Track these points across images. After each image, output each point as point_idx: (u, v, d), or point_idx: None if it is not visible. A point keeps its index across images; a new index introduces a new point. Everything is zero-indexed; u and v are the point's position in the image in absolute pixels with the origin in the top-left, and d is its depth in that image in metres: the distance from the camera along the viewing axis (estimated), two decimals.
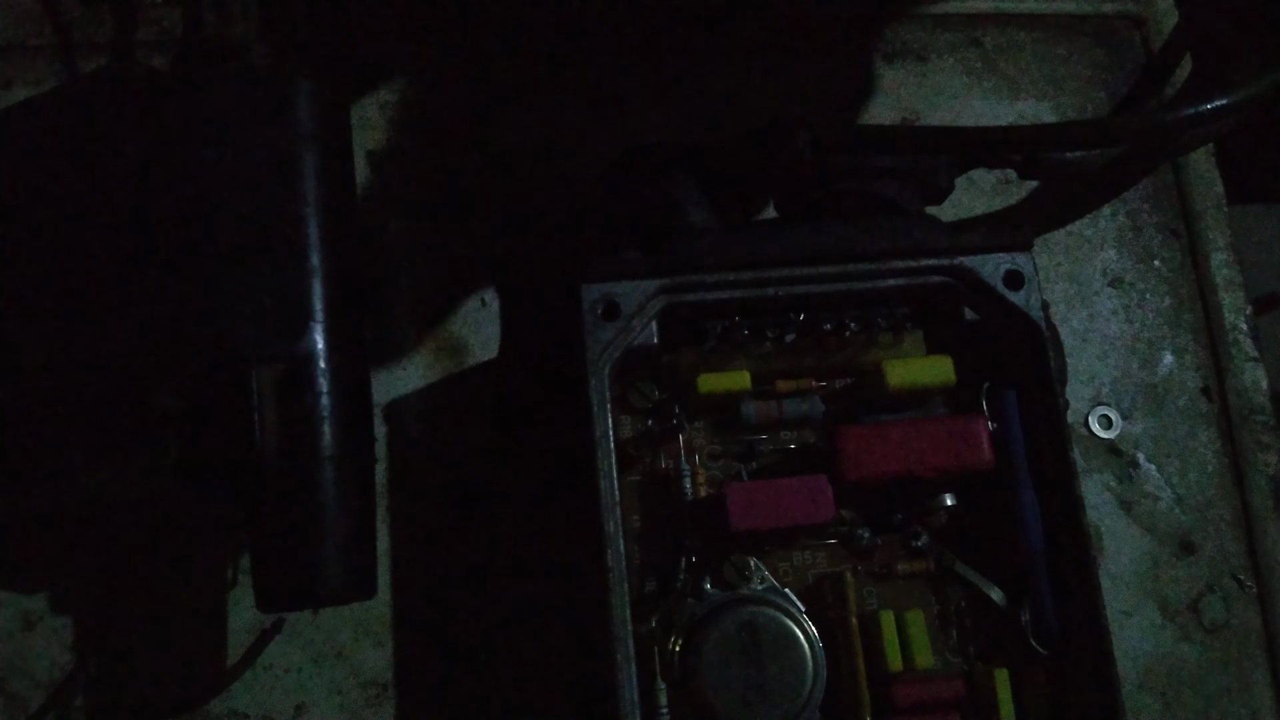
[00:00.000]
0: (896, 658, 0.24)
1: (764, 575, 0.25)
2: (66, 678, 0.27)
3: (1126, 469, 0.32)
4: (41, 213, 0.31)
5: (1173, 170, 0.35)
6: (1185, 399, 0.33)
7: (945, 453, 0.25)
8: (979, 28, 0.36)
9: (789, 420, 0.26)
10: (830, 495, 0.25)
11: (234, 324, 0.24)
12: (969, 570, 0.25)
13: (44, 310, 0.30)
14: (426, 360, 0.31)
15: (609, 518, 0.24)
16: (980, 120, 0.35)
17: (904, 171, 0.28)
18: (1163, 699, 0.30)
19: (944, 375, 0.26)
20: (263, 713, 0.28)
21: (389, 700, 0.29)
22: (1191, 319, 0.34)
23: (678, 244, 0.26)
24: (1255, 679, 0.31)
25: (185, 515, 0.29)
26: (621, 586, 0.24)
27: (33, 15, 0.33)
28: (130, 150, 0.31)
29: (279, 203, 0.25)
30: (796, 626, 0.24)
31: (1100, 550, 0.31)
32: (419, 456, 0.30)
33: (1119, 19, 0.37)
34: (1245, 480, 0.32)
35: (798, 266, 0.26)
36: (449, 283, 0.32)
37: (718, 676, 0.24)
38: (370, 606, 0.29)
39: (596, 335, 0.25)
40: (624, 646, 0.23)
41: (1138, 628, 0.31)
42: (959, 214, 0.34)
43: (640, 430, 0.26)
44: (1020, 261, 0.26)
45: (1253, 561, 0.32)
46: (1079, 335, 0.33)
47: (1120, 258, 0.34)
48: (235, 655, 0.28)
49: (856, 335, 0.26)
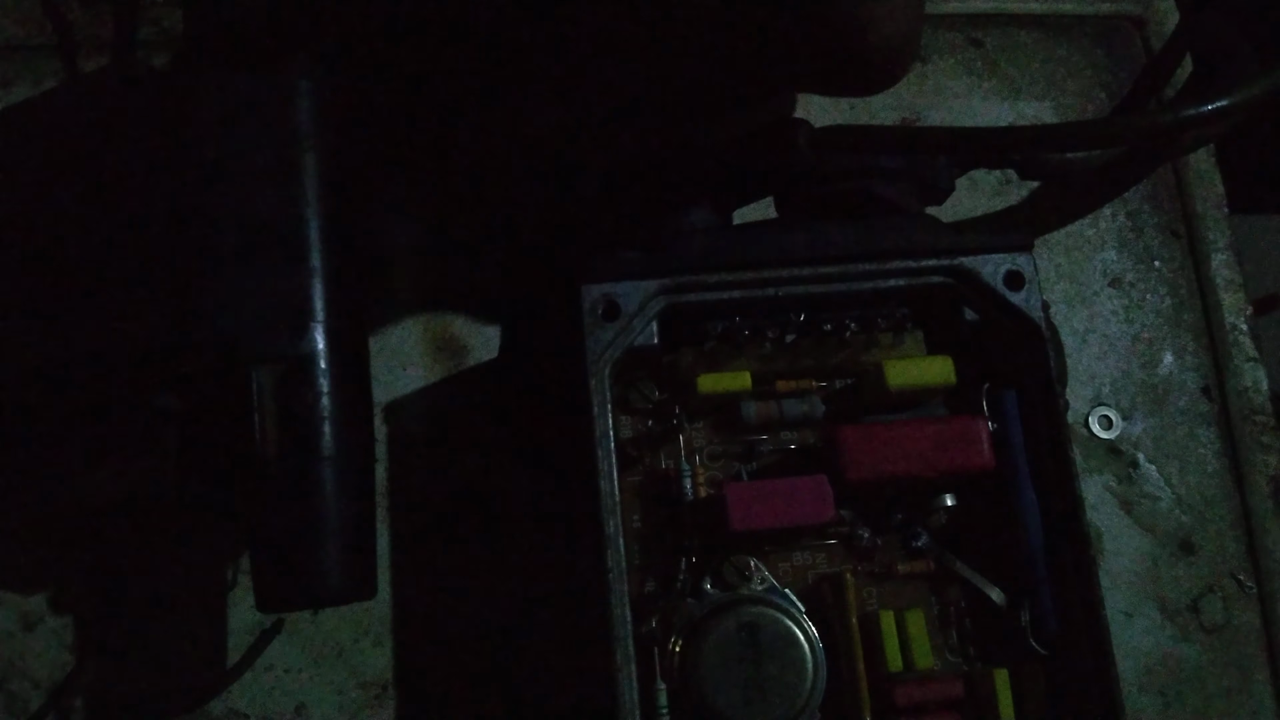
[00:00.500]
0: (896, 658, 0.24)
1: (764, 575, 0.25)
2: (66, 678, 0.27)
3: (1126, 469, 0.32)
4: (41, 212, 0.31)
5: (1173, 171, 0.35)
6: (1185, 399, 0.33)
7: (945, 453, 0.25)
8: (979, 28, 0.36)
9: (789, 420, 0.26)
10: (830, 495, 0.25)
11: (234, 324, 0.24)
12: (969, 571, 0.25)
13: (44, 310, 0.30)
14: (426, 360, 0.31)
15: (609, 518, 0.24)
16: (980, 120, 0.35)
17: (904, 171, 0.28)
18: (1162, 699, 0.30)
19: (944, 375, 0.26)
20: (263, 713, 0.28)
21: (389, 700, 0.29)
22: (1192, 319, 0.34)
23: (678, 244, 0.26)
24: (1255, 679, 0.31)
25: (185, 516, 0.29)
26: (621, 586, 0.24)
27: (33, 15, 0.33)
28: (131, 150, 0.31)
29: (279, 203, 0.25)
30: (796, 627, 0.24)
31: (1100, 550, 0.31)
32: (419, 456, 0.30)
33: (1119, 19, 0.37)
34: (1245, 481, 0.32)
35: (798, 266, 0.26)
36: (449, 283, 0.32)
37: (718, 677, 0.24)
38: (370, 607, 0.29)
39: (596, 335, 0.25)
40: (624, 646, 0.23)
41: (1138, 628, 0.31)
42: (959, 214, 0.34)
43: (640, 430, 0.26)
44: (1020, 262, 0.26)
45: (1252, 562, 0.32)
46: (1079, 336, 0.33)
47: (1120, 258, 0.34)
48: (235, 656, 0.28)
49: (856, 335, 0.26)
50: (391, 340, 0.31)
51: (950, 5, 0.36)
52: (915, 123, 0.35)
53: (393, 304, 0.32)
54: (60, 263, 0.30)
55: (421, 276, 0.32)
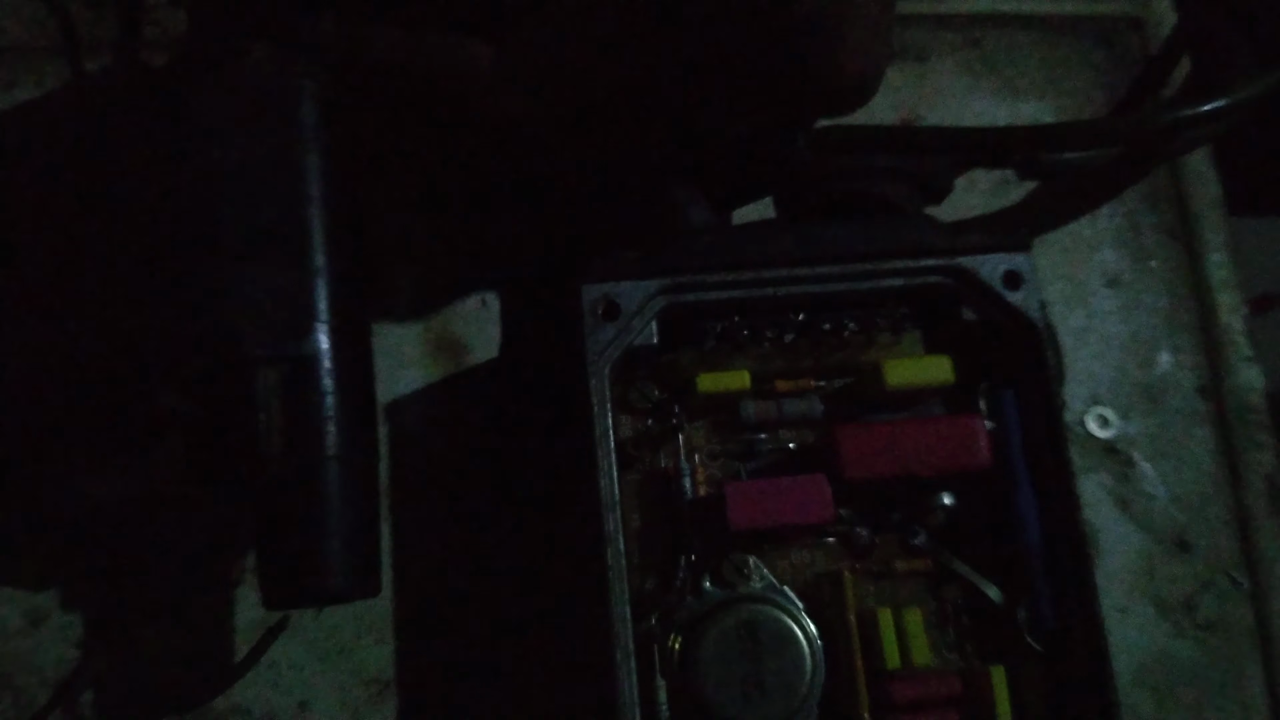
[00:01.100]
0: (894, 655, 0.24)
1: (763, 574, 0.25)
2: (71, 673, 0.28)
3: (1123, 468, 0.32)
4: (45, 213, 0.31)
5: (1171, 171, 0.35)
6: (1181, 399, 0.33)
7: (943, 452, 0.25)
8: (979, 28, 0.36)
9: (788, 420, 0.26)
10: (829, 495, 0.25)
11: (238, 324, 0.24)
12: (967, 569, 0.26)
13: (48, 310, 0.30)
14: (426, 360, 0.31)
15: (609, 517, 0.24)
16: (980, 120, 0.35)
17: (904, 171, 0.28)
18: (1157, 695, 0.30)
19: (943, 375, 0.26)
20: (266, 710, 0.28)
21: (391, 697, 0.29)
22: (1188, 319, 0.34)
23: (678, 244, 0.26)
24: (1248, 676, 0.31)
25: (192, 514, 0.29)
26: (621, 585, 0.24)
27: (37, 16, 0.33)
28: (134, 151, 0.31)
29: (282, 203, 0.26)
30: (795, 625, 0.24)
31: (1096, 549, 0.31)
32: (419, 456, 0.31)
33: (1119, 19, 0.37)
34: (1240, 479, 0.32)
35: (798, 266, 0.26)
36: (449, 283, 0.32)
37: (717, 674, 0.24)
38: (373, 604, 0.29)
39: (596, 335, 0.25)
40: (624, 644, 0.23)
41: (1133, 625, 0.31)
42: (959, 214, 0.34)
43: (640, 430, 0.26)
44: (1019, 262, 0.26)
45: (1247, 560, 0.32)
46: (1076, 335, 0.33)
47: (1118, 258, 0.34)
48: (240, 653, 0.28)
49: (855, 335, 0.26)
50: (391, 340, 0.31)
51: (950, 5, 0.36)
52: (914, 123, 0.35)
53: (393, 304, 0.32)
54: (65, 263, 0.30)
55: (421, 276, 0.32)
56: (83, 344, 0.29)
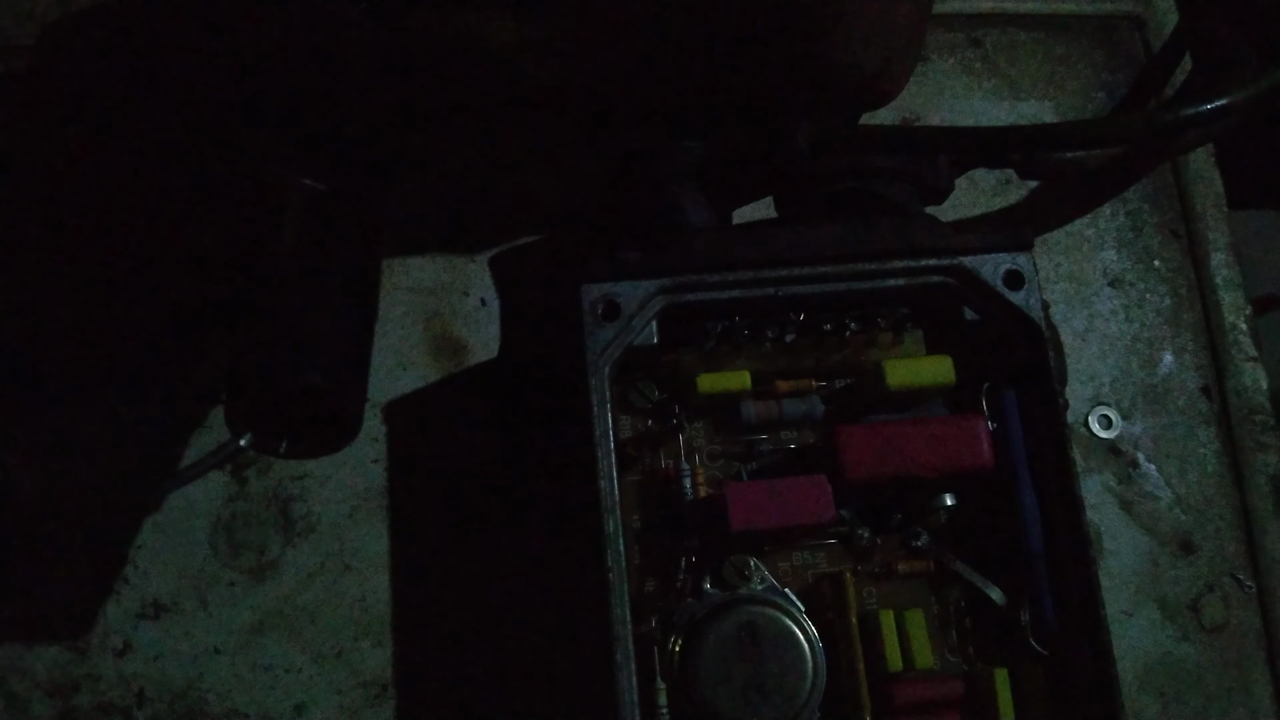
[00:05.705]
0: (896, 657, 0.24)
1: (764, 575, 0.25)
2: None
3: (1126, 469, 0.32)
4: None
5: (1173, 170, 0.35)
6: (1185, 399, 0.33)
7: (945, 453, 0.25)
8: (979, 28, 0.36)
9: (789, 420, 0.26)
10: (830, 495, 0.25)
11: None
12: (969, 570, 0.25)
13: None
14: (426, 360, 0.31)
15: (609, 518, 0.24)
16: (980, 120, 0.35)
17: (904, 171, 0.28)
18: (1162, 699, 0.30)
19: (944, 375, 0.26)
20: (262, 712, 0.28)
21: (388, 700, 0.29)
22: (1191, 319, 0.34)
23: (678, 244, 0.26)
24: (1254, 679, 0.31)
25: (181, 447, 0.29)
26: (621, 586, 0.24)
27: (34, 15, 0.33)
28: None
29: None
30: (796, 626, 0.24)
31: (1100, 550, 0.31)
32: (419, 456, 0.30)
33: (1119, 19, 0.37)
34: (1245, 480, 0.32)
35: (798, 266, 0.26)
36: (449, 283, 0.32)
37: (717, 676, 0.24)
38: (370, 606, 0.29)
39: (596, 335, 0.25)
40: (624, 646, 0.23)
41: (1137, 627, 0.31)
42: (959, 214, 0.34)
43: (640, 430, 0.26)
44: (1020, 261, 0.26)
45: (1252, 561, 0.32)
46: (1079, 335, 0.33)
47: (1120, 258, 0.34)
48: (232, 652, 0.28)
49: (856, 335, 0.26)
50: (391, 340, 0.31)
51: (950, 5, 0.36)
52: (915, 122, 0.35)
53: (393, 304, 0.32)
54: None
55: (421, 276, 0.32)
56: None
